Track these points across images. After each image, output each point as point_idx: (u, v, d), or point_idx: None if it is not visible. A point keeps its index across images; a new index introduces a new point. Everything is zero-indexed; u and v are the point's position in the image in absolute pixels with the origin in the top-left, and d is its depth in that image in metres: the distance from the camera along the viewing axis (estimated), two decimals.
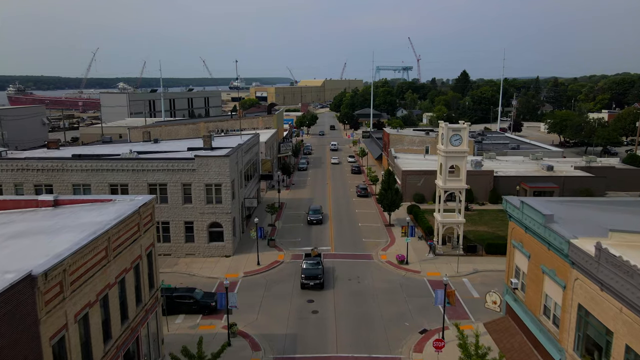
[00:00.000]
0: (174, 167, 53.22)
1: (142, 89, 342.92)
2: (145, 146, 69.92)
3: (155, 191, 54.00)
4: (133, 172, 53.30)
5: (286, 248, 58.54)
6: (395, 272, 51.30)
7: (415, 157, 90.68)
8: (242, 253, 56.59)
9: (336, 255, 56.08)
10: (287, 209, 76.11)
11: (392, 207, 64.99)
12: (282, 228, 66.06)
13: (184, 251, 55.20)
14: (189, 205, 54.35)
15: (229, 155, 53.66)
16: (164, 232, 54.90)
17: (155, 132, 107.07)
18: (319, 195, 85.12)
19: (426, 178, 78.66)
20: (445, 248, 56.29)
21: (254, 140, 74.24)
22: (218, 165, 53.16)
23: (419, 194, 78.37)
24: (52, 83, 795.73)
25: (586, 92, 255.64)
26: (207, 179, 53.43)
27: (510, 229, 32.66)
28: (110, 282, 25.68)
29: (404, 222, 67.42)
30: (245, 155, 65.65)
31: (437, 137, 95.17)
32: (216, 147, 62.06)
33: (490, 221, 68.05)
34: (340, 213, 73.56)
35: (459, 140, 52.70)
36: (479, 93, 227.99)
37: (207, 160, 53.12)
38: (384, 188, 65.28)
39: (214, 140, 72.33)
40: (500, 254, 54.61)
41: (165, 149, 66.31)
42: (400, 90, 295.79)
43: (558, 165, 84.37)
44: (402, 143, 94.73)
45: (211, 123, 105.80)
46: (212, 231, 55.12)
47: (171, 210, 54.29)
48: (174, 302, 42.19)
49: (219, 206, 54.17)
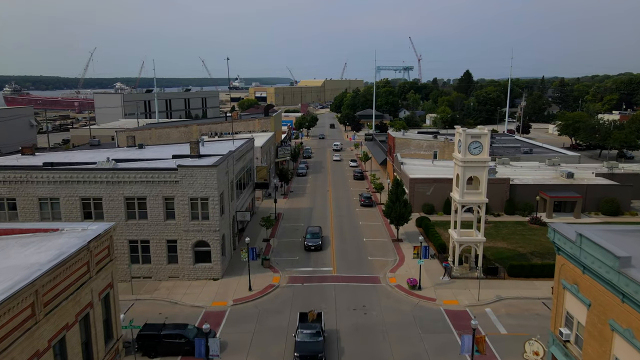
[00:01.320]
0: (154, 178, 46.75)
1: (138, 89, 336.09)
2: (128, 152, 63.46)
3: (133, 206, 47.56)
4: (108, 184, 46.83)
5: (282, 268, 52.03)
6: (407, 299, 44.79)
7: (423, 162, 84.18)
8: (233, 275, 50.08)
9: (338, 278, 49.57)
10: (285, 221, 69.60)
11: (400, 221, 58.49)
12: (278, 244, 59.56)
13: (166, 273, 48.70)
14: (171, 222, 47.87)
15: (217, 165, 47.16)
16: (143, 252, 48.44)
17: (145, 135, 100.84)
18: (319, 205, 78.61)
19: (436, 186, 72.20)
20: (462, 269, 49.78)
21: (248, 146, 67.76)
22: (204, 177, 46.68)
23: (428, 204, 71.86)
24: (51, 83, 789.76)
25: (593, 93, 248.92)
26: (192, 192, 46.95)
27: (559, 265, 26.12)
28: (41, 348, 19.19)
29: (413, 236, 61.22)
30: (238, 163, 59.18)
31: (444, 141, 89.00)
32: (204, 155, 55.55)
33: (509, 236, 61.51)
34: (343, 226, 67.04)
35: (479, 148, 46.22)
36: (483, 93, 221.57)
37: (191, 171, 46.64)
38: (391, 200, 58.78)
39: (205, 145, 65.95)
40: (524, 277, 48.37)
41: (150, 155, 59.79)
42: (402, 90, 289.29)
43: (577, 171, 77.84)
44: (409, 147, 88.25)
45: (204, 125, 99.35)
46: (198, 251, 48.63)
47: (151, 228, 47.80)
48: (162, 342, 35.75)
49: (206, 223, 47.67)
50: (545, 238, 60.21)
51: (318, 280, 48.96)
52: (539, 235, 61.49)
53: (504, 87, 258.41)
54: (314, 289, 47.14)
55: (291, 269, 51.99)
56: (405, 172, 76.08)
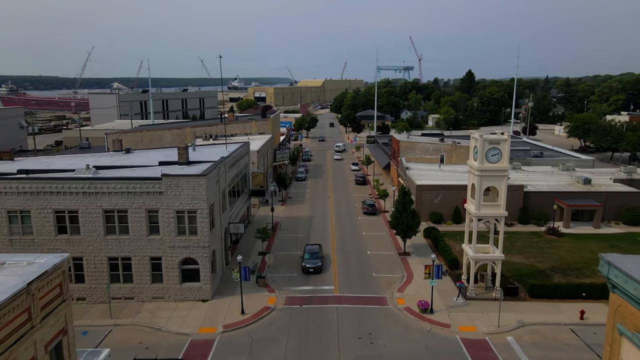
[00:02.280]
0: (135, 188, 41.98)
1: (136, 90, 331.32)
2: (113, 158, 58.68)
3: (112, 219, 42.80)
4: (84, 195, 42.06)
5: (279, 287, 47.26)
6: (418, 325, 40.02)
7: (429, 167, 79.43)
8: (224, 294, 45.31)
9: (341, 299, 44.78)
10: (283, 231, 64.84)
11: (408, 233, 53.72)
12: (275, 258, 54.80)
13: (149, 294, 43.92)
14: (155, 237, 43.10)
15: (206, 174, 42.37)
16: (124, 271, 43.67)
17: (137, 138, 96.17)
18: (320, 213, 73.83)
19: (444, 194, 67.47)
20: (478, 289, 44.99)
21: (243, 150, 63.00)
22: (192, 187, 41.91)
23: (436, 212, 67.10)
24: (49, 83, 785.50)
25: (599, 93, 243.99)
26: (178, 204, 42.18)
27: (614, 306, 21.33)
28: None
29: (421, 249, 56.53)
30: (231, 170, 54.43)
31: (451, 144, 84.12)
32: (194, 162, 50.79)
33: (525, 249, 56.74)
34: (345, 237, 62.27)
35: (498, 155, 41.46)
36: (487, 93, 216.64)
37: (177, 181, 41.87)
38: (398, 210, 54.01)
39: (196, 150, 61.25)
40: (547, 299, 43.57)
41: (136, 161, 55.01)
42: (403, 90, 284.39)
43: (594, 177, 73.06)
44: (414, 151, 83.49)
45: (198, 128, 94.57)
46: (186, 269, 43.86)
47: (133, 243, 43.03)
48: None
49: (194, 238, 42.91)
50: (565, 252, 55.59)
51: (318, 302, 44.20)
52: (557, 248, 56.74)
53: (506, 87, 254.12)
54: (313, 312, 42.38)
55: (289, 287, 47.22)
56: (412, 178, 71.31)
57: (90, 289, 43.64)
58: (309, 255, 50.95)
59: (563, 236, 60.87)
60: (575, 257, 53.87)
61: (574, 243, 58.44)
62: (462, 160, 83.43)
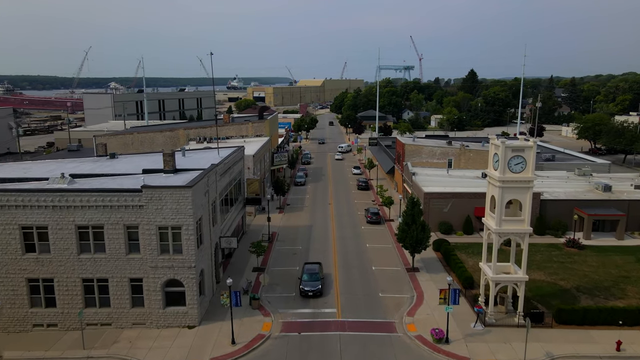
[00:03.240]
0: (112, 202, 37.15)
1: (131, 89, 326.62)
2: (95, 164, 53.90)
3: (87, 236, 37.99)
4: (55, 209, 37.22)
5: (275, 309, 42.43)
6: (432, 357, 35.19)
7: (437, 172, 74.59)
8: (214, 319, 40.47)
9: (344, 324, 39.92)
10: (280, 243, 60.00)
11: (417, 248, 48.88)
12: (271, 274, 49.92)
13: (129, 319, 39.08)
14: (135, 256, 38.27)
15: (192, 186, 37.52)
16: (100, 293, 38.85)
17: (127, 141, 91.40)
18: (320, 221, 68.98)
19: (454, 202, 62.65)
20: (498, 313, 40.17)
21: (237, 156, 58.16)
22: (176, 200, 37.07)
23: (445, 222, 62.26)
24: (48, 83, 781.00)
25: (605, 93, 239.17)
26: (161, 220, 37.34)
27: None
28: None
29: (431, 264, 51.77)
30: (223, 178, 49.61)
31: (459, 148, 79.20)
32: (181, 170, 45.99)
33: (545, 263, 51.94)
34: (347, 250, 57.43)
35: (522, 164, 36.65)
36: (491, 93, 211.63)
37: (159, 193, 37.03)
38: (406, 222, 49.17)
39: (187, 156, 56.49)
40: (577, 325, 38.72)
41: (119, 169, 50.20)
42: (405, 90, 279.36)
43: (613, 183, 68.17)
44: (420, 155, 78.68)
45: (192, 130, 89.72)
46: (170, 292, 39.03)
47: (110, 263, 38.21)
48: None
49: (179, 257, 38.08)
50: (589, 267, 50.81)
51: (319, 328, 39.36)
52: (580, 263, 51.93)
53: (509, 87, 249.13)
54: (314, 340, 37.57)
55: (286, 310, 42.38)
56: (419, 184, 66.47)
57: (63, 314, 38.81)
58: (308, 276, 45.65)
59: (584, 249, 56.06)
60: (601, 274, 49.05)
61: (597, 257, 53.62)
62: (471, 165, 78.77)
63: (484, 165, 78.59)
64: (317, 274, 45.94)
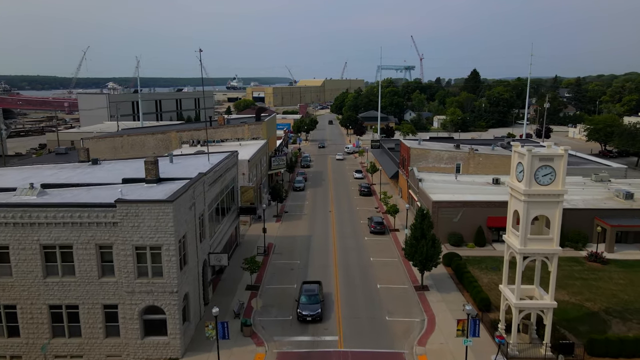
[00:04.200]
0: (82, 218, 32.52)
1: (127, 89, 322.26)
2: (75, 171, 49.35)
3: (54, 257, 33.38)
4: (16, 226, 32.59)
5: (269, 336, 37.77)
6: None
7: (445, 178, 69.96)
8: (200, 350, 35.80)
9: (347, 355, 35.25)
10: (276, 256, 55.37)
11: (427, 265, 44.22)
12: (266, 293, 45.31)
13: (103, 351, 34.44)
14: (109, 280, 33.65)
15: (174, 200, 32.86)
16: (70, 322, 34.21)
17: (116, 144, 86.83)
18: (320, 231, 64.35)
19: (465, 211, 58.00)
20: (521, 344, 35.46)
21: (230, 162, 53.55)
22: (155, 217, 32.45)
23: (455, 233, 57.62)
24: (47, 83, 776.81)
25: (611, 93, 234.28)
26: (138, 239, 32.70)
27: None
28: None
29: (441, 282, 47.16)
30: (213, 188, 44.99)
31: (468, 152, 74.40)
32: (166, 179, 41.38)
33: (567, 280, 47.26)
34: (350, 265, 52.77)
35: (551, 175, 32.02)
36: (495, 94, 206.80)
37: (136, 208, 32.39)
38: (414, 236, 44.52)
39: (175, 162, 51.88)
40: (611, 357, 34.00)
41: (99, 177, 45.65)
42: (406, 90, 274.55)
43: (633, 189, 63.47)
44: (427, 160, 74.02)
45: (185, 132, 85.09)
46: (149, 319, 34.39)
47: (81, 287, 33.58)
48: None
49: (159, 281, 33.45)
50: (616, 285, 46.20)
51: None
52: (605, 280, 47.29)
53: (513, 87, 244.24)
54: None
55: (281, 337, 37.71)
56: (426, 192, 61.81)
57: (27, 344, 34.18)
58: (307, 298, 40.74)
59: (608, 263, 51.42)
60: (631, 293, 44.41)
61: (624, 273, 48.98)
62: (481, 170, 74.14)
63: (494, 171, 74.02)
64: (317, 295, 41.15)
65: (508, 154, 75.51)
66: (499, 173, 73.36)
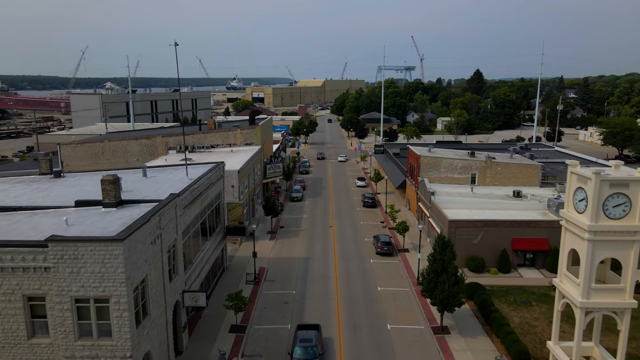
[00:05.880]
0: (4, 261, 24.68)
1: (123, 90, 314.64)
2: (30, 187, 41.58)
3: None
4: None
5: None
6: None
7: (459, 190, 62.19)
8: None
9: None
10: (268, 284, 47.49)
11: (449, 305, 36.34)
12: (255, 335, 37.47)
13: None
14: (42, 341, 25.81)
15: (125, 238, 24.93)
16: None
17: (97, 150, 79.02)
18: (319, 252, 56.53)
19: (486, 232, 50.20)
20: None
21: (214, 175, 45.69)
22: (100, 260, 24.59)
23: (475, 257, 49.80)
24: (47, 83, 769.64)
25: (619, 94, 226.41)
26: (78, 288, 24.86)
27: None
28: None
29: (464, 322, 39.33)
30: (189, 210, 37.14)
31: (485, 161, 65.70)
32: (129, 201, 33.57)
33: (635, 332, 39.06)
34: (354, 296, 44.87)
35: (625, 206, 24.24)
36: (501, 94, 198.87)
37: (74, 250, 24.53)
38: (433, 269, 36.69)
39: (149, 175, 44.03)
40: None
41: (54, 197, 38.01)
42: (408, 91, 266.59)
43: None
44: (439, 169, 66.17)
45: (172, 137, 77.23)
46: None
47: (6, 350, 25.75)
48: None
49: (106, 343, 25.56)
50: None
51: None
52: None
53: (517, 88, 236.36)
54: None
55: None
56: (440, 208, 53.98)
57: None
58: (302, 350, 32.47)
59: None
60: None
61: None
62: (499, 181, 66.33)
63: (514, 181, 66.29)
64: (314, 346, 33.08)
65: (529, 163, 67.74)
66: (519, 184, 65.70)
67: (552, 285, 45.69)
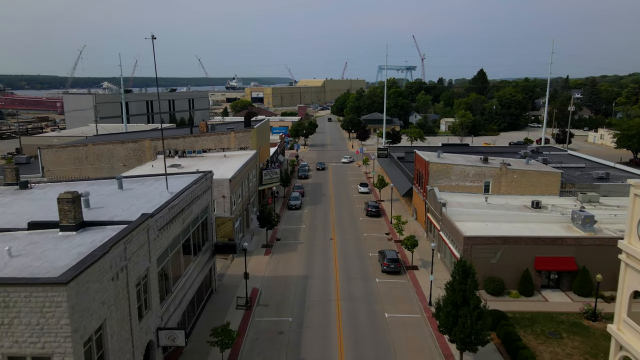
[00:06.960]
0: None
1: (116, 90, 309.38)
2: None
3: None
4: None
5: None
6: None
7: (472, 200, 56.91)
8: None
9: None
10: (261, 309, 42.13)
11: (471, 344, 30.97)
12: None
13: None
14: None
15: (70, 281, 19.56)
16: None
17: (80, 154, 73.81)
18: (319, 269, 51.21)
19: (506, 249, 44.86)
20: None
21: (200, 187, 40.36)
22: (39, 309, 19.28)
23: (494, 278, 44.44)
24: (46, 82, 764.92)
25: (627, 94, 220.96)
26: (11, 344, 19.51)
27: None
28: None
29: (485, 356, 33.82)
30: (168, 231, 31.81)
31: (500, 168, 59.88)
32: (94, 223, 28.26)
33: None
34: (359, 325, 39.51)
35: None
36: (507, 95, 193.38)
37: (5, 297, 19.20)
38: (452, 301, 31.35)
39: (125, 188, 38.76)
40: None
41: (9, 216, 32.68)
42: (410, 91, 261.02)
43: None
44: (449, 177, 60.82)
45: (160, 141, 71.86)
46: None
47: None
48: None
49: None
50: None
51: None
52: None
53: (521, 89, 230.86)
54: None
55: None
56: (452, 221, 48.63)
57: None
58: None
59: None
60: None
61: None
62: (514, 189, 61.05)
63: (531, 190, 60.97)
64: None
65: (548, 170, 62.44)
66: (537, 193, 60.43)
67: (584, 312, 40.62)
